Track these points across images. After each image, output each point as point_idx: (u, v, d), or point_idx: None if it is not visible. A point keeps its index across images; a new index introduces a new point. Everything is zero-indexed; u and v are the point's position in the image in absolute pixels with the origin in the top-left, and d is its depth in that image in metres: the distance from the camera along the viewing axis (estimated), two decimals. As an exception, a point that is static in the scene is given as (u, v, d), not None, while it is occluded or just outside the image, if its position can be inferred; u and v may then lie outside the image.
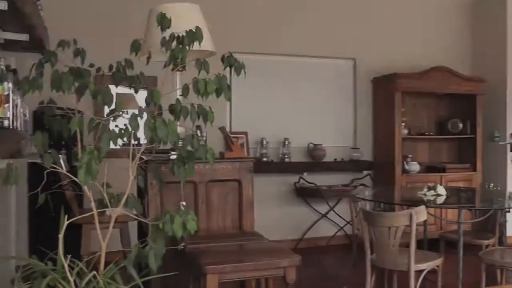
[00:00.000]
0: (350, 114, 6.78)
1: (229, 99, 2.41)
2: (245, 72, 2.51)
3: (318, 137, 6.48)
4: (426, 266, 3.47)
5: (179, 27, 2.40)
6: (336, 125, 6.71)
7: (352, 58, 6.74)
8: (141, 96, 2.59)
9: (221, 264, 2.71)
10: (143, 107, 2.22)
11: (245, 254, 2.97)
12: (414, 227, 3.33)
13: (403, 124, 6.44)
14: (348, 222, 6.24)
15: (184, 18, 2.81)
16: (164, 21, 2.40)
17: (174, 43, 2.37)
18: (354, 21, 6.67)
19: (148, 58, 2.53)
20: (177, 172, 2.37)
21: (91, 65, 2.38)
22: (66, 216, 2.11)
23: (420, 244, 4.49)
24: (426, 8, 7.08)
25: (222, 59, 2.49)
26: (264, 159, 6.12)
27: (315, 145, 6.35)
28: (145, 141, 2.21)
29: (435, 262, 3.55)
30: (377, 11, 6.81)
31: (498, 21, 6.90)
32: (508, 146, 6.70)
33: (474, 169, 6.69)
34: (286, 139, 6.24)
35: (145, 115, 2.15)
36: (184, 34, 2.37)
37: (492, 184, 6.51)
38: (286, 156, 6.22)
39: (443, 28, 7.19)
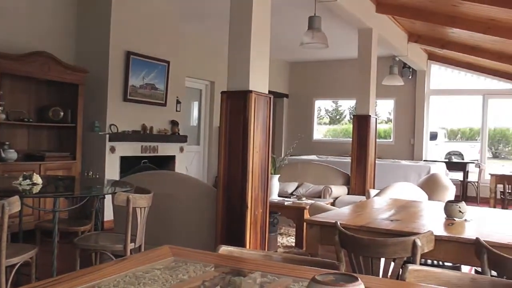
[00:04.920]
0: None
1: None
2: None
3: None
4: (19, 259, 3.28)
5: None
6: None
7: None
8: None
9: None
10: None
11: None
12: (6, 219, 3.09)
13: (0, 108, 5.96)
14: None
15: None
16: None
17: None
18: None
19: None
20: None
21: None
22: None
23: (15, 237, 4.27)
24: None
25: None
26: None
27: None
28: None
29: (29, 254, 3.39)
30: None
31: (101, 16, 7.12)
32: (107, 136, 7.02)
33: (74, 158, 6.75)
34: None
35: None
36: None
37: (92, 172, 6.72)
38: None
39: (48, 13, 6.99)
